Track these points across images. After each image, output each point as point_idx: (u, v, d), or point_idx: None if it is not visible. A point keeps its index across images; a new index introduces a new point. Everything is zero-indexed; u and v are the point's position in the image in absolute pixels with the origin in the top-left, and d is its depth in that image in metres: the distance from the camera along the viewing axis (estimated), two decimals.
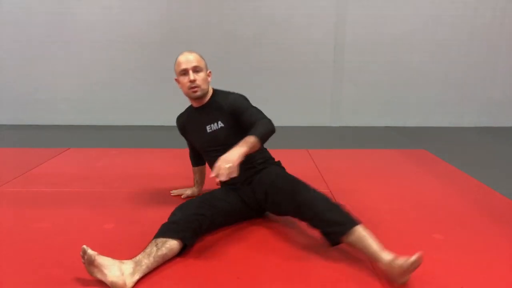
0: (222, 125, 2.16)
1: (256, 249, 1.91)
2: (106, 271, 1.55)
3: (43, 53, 5.02)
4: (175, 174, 3.05)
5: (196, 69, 2.11)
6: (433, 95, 5.26)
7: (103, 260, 1.56)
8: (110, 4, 4.94)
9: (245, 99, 2.19)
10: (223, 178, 1.71)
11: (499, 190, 2.75)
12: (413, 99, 5.28)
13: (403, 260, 1.57)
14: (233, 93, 2.22)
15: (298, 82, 5.18)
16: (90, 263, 1.55)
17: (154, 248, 1.71)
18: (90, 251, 1.54)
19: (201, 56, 2.16)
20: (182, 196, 2.51)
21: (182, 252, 1.81)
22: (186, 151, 2.54)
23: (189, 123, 2.31)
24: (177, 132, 2.43)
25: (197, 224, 1.89)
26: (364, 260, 1.82)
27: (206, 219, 1.94)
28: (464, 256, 1.84)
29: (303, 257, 1.86)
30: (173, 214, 1.95)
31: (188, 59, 2.11)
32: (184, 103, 2.34)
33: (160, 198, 2.56)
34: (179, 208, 1.98)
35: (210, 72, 2.21)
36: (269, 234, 2.06)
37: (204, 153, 2.32)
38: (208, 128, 2.19)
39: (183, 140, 2.45)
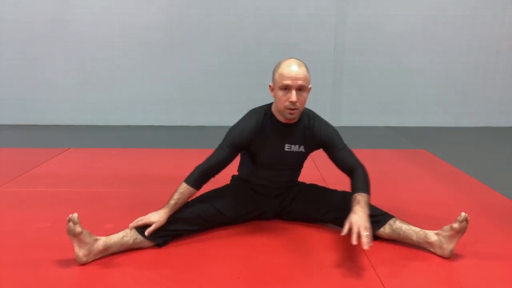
0: (303, 150, 2.04)
1: (256, 249, 1.91)
2: (79, 246, 1.72)
3: (43, 53, 5.02)
4: (174, 174, 3.04)
5: (300, 88, 1.83)
6: (433, 95, 5.26)
7: (84, 238, 1.72)
8: (110, 4, 4.94)
9: (338, 133, 2.06)
10: (366, 247, 1.61)
11: (499, 190, 2.75)
12: (413, 99, 5.27)
13: (449, 226, 1.79)
14: (325, 123, 2.05)
15: None
16: (74, 235, 1.69)
17: (131, 241, 1.83)
18: (78, 228, 1.68)
19: (307, 70, 1.88)
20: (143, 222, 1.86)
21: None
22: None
23: (267, 134, 2.00)
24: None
25: (182, 233, 1.98)
26: (365, 260, 1.82)
27: (196, 231, 2.02)
28: (463, 256, 1.84)
29: (303, 257, 1.86)
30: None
31: (296, 75, 1.81)
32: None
33: (159, 199, 2.56)
34: (179, 209, 1.97)
35: (310, 87, 1.92)
36: (269, 235, 2.06)
37: (262, 168, 2.08)
38: (287, 147, 2.02)
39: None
